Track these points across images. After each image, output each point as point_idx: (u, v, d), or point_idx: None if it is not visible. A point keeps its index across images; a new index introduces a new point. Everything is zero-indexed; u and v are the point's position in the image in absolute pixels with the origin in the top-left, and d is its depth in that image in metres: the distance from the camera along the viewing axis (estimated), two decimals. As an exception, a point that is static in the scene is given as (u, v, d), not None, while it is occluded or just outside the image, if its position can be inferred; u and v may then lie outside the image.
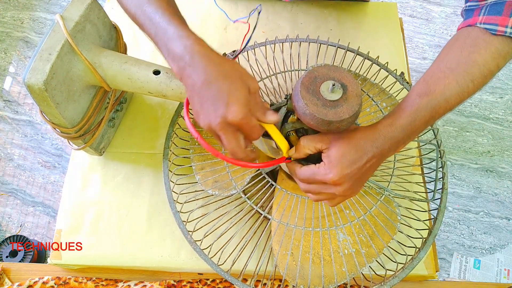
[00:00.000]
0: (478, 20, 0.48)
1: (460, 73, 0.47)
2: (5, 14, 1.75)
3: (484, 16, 0.48)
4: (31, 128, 1.52)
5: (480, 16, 0.48)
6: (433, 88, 0.47)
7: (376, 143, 0.45)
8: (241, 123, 0.41)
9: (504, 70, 1.69)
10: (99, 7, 0.57)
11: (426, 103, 0.46)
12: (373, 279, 0.55)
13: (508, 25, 0.47)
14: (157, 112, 0.74)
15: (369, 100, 0.68)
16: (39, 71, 0.49)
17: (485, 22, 0.48)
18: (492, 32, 0.47)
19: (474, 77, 0.47)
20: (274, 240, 0.56)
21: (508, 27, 0.47)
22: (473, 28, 0.49)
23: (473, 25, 0.49)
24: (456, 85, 0.47)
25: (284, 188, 0.58)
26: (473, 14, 0.50)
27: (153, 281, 0.62)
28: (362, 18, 0.86)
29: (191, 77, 0.43)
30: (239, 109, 0.41)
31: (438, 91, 0.46)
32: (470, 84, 0.47)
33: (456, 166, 1.50)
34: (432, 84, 0.47)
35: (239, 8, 0.86)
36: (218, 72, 0.43)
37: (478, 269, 1.33)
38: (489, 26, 0.47)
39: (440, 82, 0.47)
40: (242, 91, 0.42)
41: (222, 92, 0.42)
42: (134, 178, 0.68)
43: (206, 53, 0.44)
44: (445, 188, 0.62)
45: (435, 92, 0.46)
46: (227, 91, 0.42)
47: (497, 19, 0.47)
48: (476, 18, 0.49)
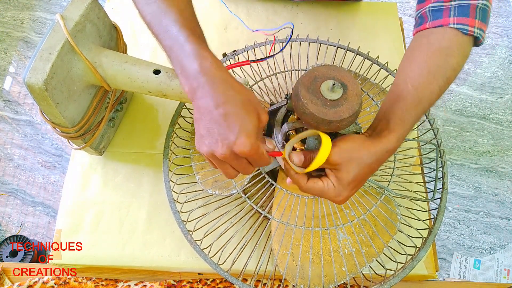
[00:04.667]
0: (450, 21, 0.51)
1: (440, 77, 0.50)
2: (5, 14, 1.75)
3: (455, 17, 0.51)
4: (31, 128, 1.52)
5: (450, 17, 0.51)
6: (421, 96, 0.49)
7: (383, 159, 0.46)
8: (249, 154, 0.41)
9: (504, 70, 1.69)
10: (99, 7, 0.57)
11: (421, 111, 0.49)
12: (373, 279, 0.55)
13: (475, 26, 0.51)
14: (157, 112, 0.74)
15: (369, 99, 0.68)
16: (40, 70, 0.49)
17: (457, 22, 0.51)
18: (464, 32, 0.51)
19: (450, 79, 0.51)
20: (274, 239, 0.56)
21: (476, 28, 0.51)
22: (445, 29, 0.52)
23: (445, 25, 0.51)
24: (438, 89, 0.50)
25: (284, 188, 0.58)
26: (443, 15, 0.52)
27: (153, 281, 0.62)
28: (362, 18, 0.86)
29: (203, 99, 0.42)
30: (248, 141, 0.40)
31: (426, 98, 0.49)
32: (446, 86, 0.51)
33: (456, 166, 1.50)
34: (420, 91, 0.49)
35: (239, 8, 0.86)
36: (233, 100, 0.41)
37: (478, 269, 1.33)
38: (461, 26, 0.51)
39: (426, 89, 0.49)
40: (254, 122, 0.41)
41: (234, 121, 0.40)
42: (134, 178, 0.68)
43: (224, 78, 0.43)
44: (445, 188, 0.62)
45: (424, 99, 0.49)
46: (239, 120, 0.41)
47: (466, 20, 0.51)
48: (447, 19, 0.51)
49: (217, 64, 0.44)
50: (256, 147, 0.41)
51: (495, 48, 1.76)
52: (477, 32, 0.51)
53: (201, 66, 0.43)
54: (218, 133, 0.41)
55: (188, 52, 0.44)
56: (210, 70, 0.43)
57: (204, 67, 0.43)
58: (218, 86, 0.42)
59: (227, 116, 0.41)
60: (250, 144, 0.40)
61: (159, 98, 0.67)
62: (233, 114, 0.41)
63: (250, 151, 0.40)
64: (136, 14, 0.52)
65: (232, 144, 0.40)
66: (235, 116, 0.41)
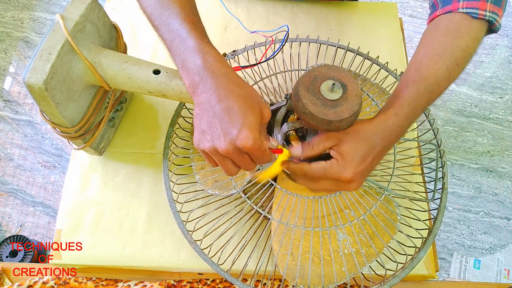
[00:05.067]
0: (459, 6, 0.50)
1: (447, 58, 0.48)
2: (5, 14, 1.75)
3: (464, 2, 0.50)
4: (31, 128, 1.52)
5: (460, 1, 0.50)
6: (426, 75, 0.48)
7: (384, 134, 0.45)
8: (252, 149, 0.40)
9: (504, 70, 1.69)
10: (99, 7, 0.57)
11: (424, 89, 0.47)
12: (373, 279, 0.55)
13: (487, 9, 0.49)
14: (157, 112, 0.74)
15: (369, 100, 0.68)
16: (39, 70, 0.49)
17: (467, 6, 0.50)
18: (473, 16, 0.49)
19: (459, 61, 0.49)
20: (274, 239, 0.56)
21: (487, 11, 0.49)
22: (454, 14, 0.51)
23: (454, 11, 0.50)
24: (445, 70, 0.48)
25: (284, 188, 0.58)
26: (453, 1, 0.51)
27: (153, 281, 0.62)
28: (362, 18, 0.86)
29: (205, 94, 0.41)
30: (252, 135, 0.40)
31: (431, 76, 0.48)
32: (456, 68, 0.49)
33: (456, 166, 1.50)
34: (423, 70, 0.48)
35: (239, 8, 0.86)
36: (235, 94, 0.41)
37: (478, 269, 1.33)
38: (470, 10, 0.49)
39: (430, 68, 0.48)
40: (257, 117, 0.41)
41: (237, 115, 0.40)
42: (134, 178, 0.68)
43: (226, 73, 0.42)
44: (445, 188, 0.62)
45: (428, 78, 0.48)
46: (242, 115, 0.40)
47: (477, 4, 0.49)
48: (456, 4, 0.50)
49: (219, 59, 0.43)
50: (260, 142, 0.41)
51: (495, 48, 1.76)
52: (489, 16, 0.49)
53: (204, 61, 0.42)
54: (220, 128, 0.40)
55: (190, 46, 0.43)
56: (212, 65, 0.42)
57: (207, 62, 0.42)
58: (221, 81, 0.42)
59: (230, 111, 0.40)
60: (253, 139, 0.40)
61: (159, 98, 0.67)
62: (236, 109, 0.40)
63: (253, 146, 0.40)
64: (136, 14, 0.52)
65: (235, 139, 0.40)
66: (238, 111, 0.40)
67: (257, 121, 0.41)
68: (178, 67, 0.45)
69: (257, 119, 0.41)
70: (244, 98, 0.41)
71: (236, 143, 0.40)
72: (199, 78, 0.42)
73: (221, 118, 0.40)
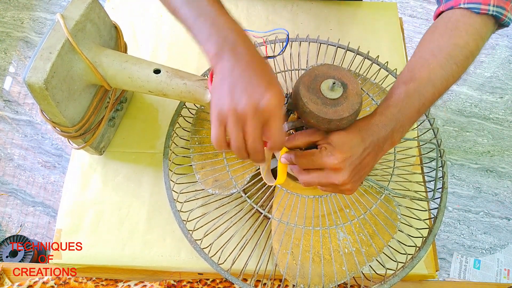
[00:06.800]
0: (461, 1, 0.49)
1: (443, 57, 0.47)
2: (5, 14, 1.75)
3: None
4: (31, 128, 1.52)
5: None
6: (418, 75, 0.47)
7: (371, 131, 0.45)
8: (274, 111, 0.40)
9: (504, 70, 1.69)
10: (99, 7, 0.57)
11: (413, 89, 0.47)
12: (373, 278, 0.55)
13: (490, 3, 0.47)
14: (157, 111, 0.74)
15: (369, 99, 0.68)
16: (40, 70, 0.49)
17: (468, 1, 0.48)
18: (475, 11, 0.48)
19: (457, 60, 0.48)
20: (274, 239, 0.56)
21: (491, 5, 0.47)
22: (454, 11, 0.50)
23: (456, 6, 0.49)
24: (441, 69, 0.47)
25: (284, 187, 0.58)
26: None
27: (153, 281, 0.62)
28: (362, 18, 0.86)
29: (233, 58, 0.42)
30: (277, 96, 0.39)
31: (424, 76, 0.47)
32: (454, 67, 0.48)
33: (456, 166, 1.50)
34: (416, 71, 0.47)
35: (239, 8, 0.86)
36: (263, 63, 0.42)
37: (478, 269, 1.33)
38: (472, 5, 0.48)
39: (424, 69, 0.47)
40: (281, 89, 0.42)
41: (263, 78, 0.40)
42: (134, 177, 0.68)
43: (255, 47, 0.44)
44: (445, 187, 0.62)
45: (420, 78, 0.47)
46: (268, 78, 0.41)
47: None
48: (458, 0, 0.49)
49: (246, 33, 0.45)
50: (281, 105, 0.40)
51: (495, 48, 1.76)
52: (493, 10, 0.47)
53: (233, 30, 0.43)
54: (245, 87, 0.40)
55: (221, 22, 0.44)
56: (241, 33, 0.44)
57: (237, 31, 0.43)
58: (249, 46, 0.43)
59: (256, 73, 0.41)
60: (277, 99, 0.39)
61: (159, 98, 0.67)
62: (262, 72, 0.41)
63: (275, 107, 0.39)
64: (136, 14, 0.52)
65: (259, 98, 0.39)
66: (263, 74, 0.41)
67: (281, 91, 0.41)
68: (203, 39, 0.45)
69: (281, 90, 0.42)
70: (271, 71, 0.43)
71: (261, 104, 0.39)
72: (230, 45, 0.42)
73: (248, 78, 0.40)
